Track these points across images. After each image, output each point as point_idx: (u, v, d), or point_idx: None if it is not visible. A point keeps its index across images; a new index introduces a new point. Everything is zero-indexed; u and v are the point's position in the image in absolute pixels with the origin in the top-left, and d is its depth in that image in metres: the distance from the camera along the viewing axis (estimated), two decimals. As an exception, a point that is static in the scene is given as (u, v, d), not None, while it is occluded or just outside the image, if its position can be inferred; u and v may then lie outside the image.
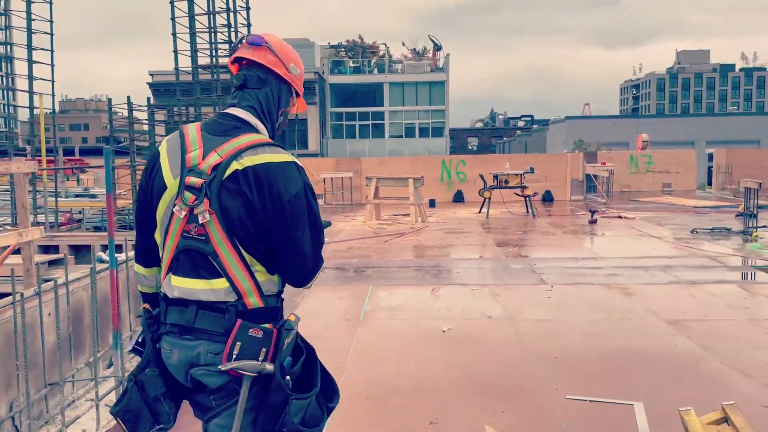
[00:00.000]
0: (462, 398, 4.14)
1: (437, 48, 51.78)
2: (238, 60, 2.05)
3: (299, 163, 1.92)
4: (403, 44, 55.91)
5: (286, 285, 1.99)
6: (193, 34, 13.14)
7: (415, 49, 57.34)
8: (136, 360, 4.44)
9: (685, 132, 47.07)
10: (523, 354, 4.99)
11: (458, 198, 18.89)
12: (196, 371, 1.84)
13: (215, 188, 1.81)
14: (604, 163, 20.19)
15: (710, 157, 26.17)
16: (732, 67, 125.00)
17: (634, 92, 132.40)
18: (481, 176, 15.41)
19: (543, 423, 3.77)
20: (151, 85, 40.00)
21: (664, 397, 4.02)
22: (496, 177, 15.06)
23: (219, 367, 1.79)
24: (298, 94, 2.13)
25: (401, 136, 48.87)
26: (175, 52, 13.23)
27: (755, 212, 11.36)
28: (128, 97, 11.56)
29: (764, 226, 11.22)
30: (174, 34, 13.19)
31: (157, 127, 13.39)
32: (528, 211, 14.78)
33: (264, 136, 1.96)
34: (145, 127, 14.98)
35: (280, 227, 1.84)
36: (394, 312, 6.42)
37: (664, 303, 6.44)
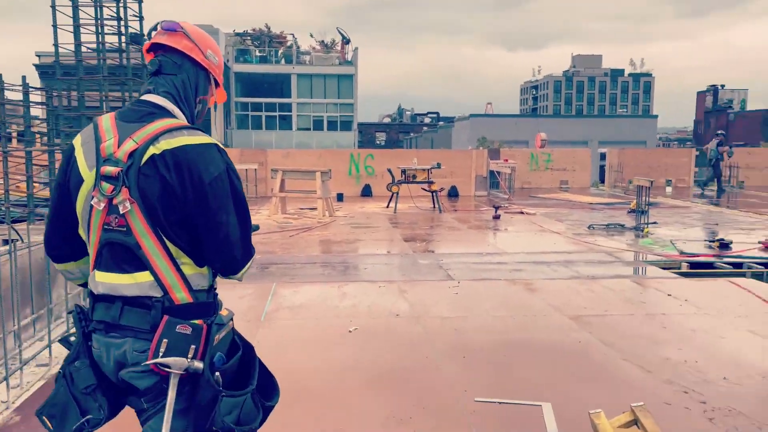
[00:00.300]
0: (368, 403, 3.92)
1: (346, 41, 51.46)
2: (154, 47, 1.99)
3: (220, 145, 1.86)
4: (311, 36, 55.30)
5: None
6: (75, 8, 11.95)
7: (323, 42, 56.70)
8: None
9: (580, 132, 49.54)
10: (431, 353, 4.84)
11: (366, 192, 18.75)
12: (124, 373, 1.79)
13: (133, 175, 1.75)
14: (507, 160, 20.73)
15: (602, 156, 27.63)
16: (622, 72, 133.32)
17: (534, 93, 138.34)
18: (389, 171, 15.33)
19: (452, 429, 3.61)
20: (38, 66, 37.00)
21: (572, 397, 3.99)
22: (404, 172, 15.02)
23: (142, 363, 1.74)
24: (217, 84, 2.08)
25: (309, 129, 48.22)
26: (55, 26, 11.94)
27: (646, 209, 11.96)
28: (23, 77, 10.43)
29: (654, 223, 11.84)
30: (53, 7, 11.89)
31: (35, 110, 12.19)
32: (435, 206, 14.86)
33: (182, 120, 1.91)
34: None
35: (203, 212, 1.78)
36: (298, 311, 6.10)
37: (566, 298, 6.54)
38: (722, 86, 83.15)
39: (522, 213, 14.20)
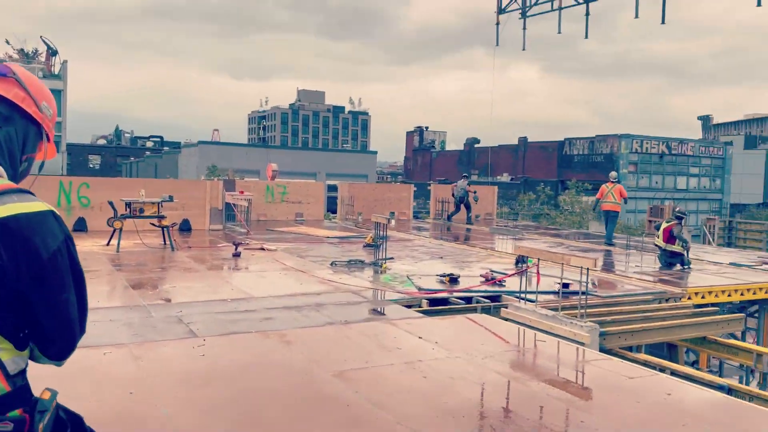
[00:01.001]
0: None
1: (52, 53, 45.55)
2: None
3: (56, 211, 1.66)
4: (7, 42, 47.51)
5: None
6: None
7: (23, 50, 49.33)
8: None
9: (309, 164, 51.23)
10: (182, 447, 3.93)
11: (80, 227, 16.24)
12: None
13: None
14: (243, 192, 20.05)
15: (331, 188, 28.72)
16: (343, 109, 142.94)
17: (262, 123, 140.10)
18: (111, 203, 13.44)
19: None
20: None
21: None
22: (129, 205, 13.30)
23: None
24: (48, 138, 1.91)
25: (3, 149, 41.06)
26: None
27: (380, 243, 12.34)
28: None
29: (391, 258, 12.30)
30: None
31: None
32: (166, 243, 13.42)
33: (7, 181, 1.66)
34: None
35: (41, 291, 1.58)
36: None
37: (326, 350, 6.13)
38: (426, 127, 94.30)
39: (263, 249, 13.63)
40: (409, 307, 8.77)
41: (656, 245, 13.58)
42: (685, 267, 12.81)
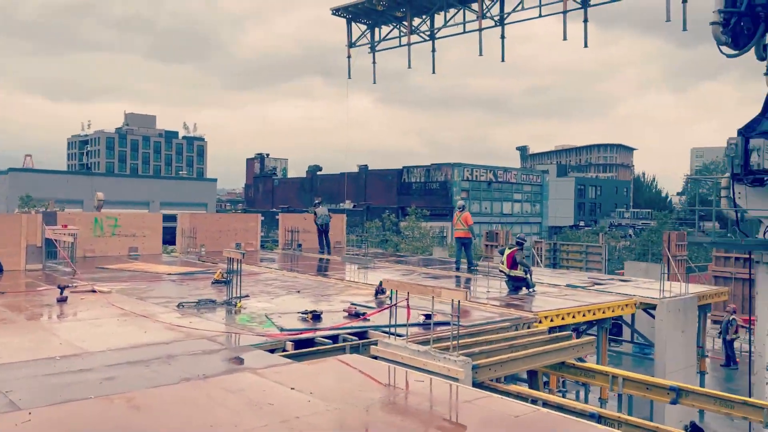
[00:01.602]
0: None
1: None
2: None
3: None
4: None
5: None
6: None
7: None
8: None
9: (141, 192, 47.74)
10: None
11: None
12: None
13: None
14: (66, 227, 17.82)
15: (168, 218, 26.76)
16: (176, 134, 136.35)
17: (85, 148, 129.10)
18: None
19: None
20: None
21: None
22: None
23: None
24: None
25: None
26: None
27: (230, 279, 11.43)
28: None
29: (246, 296, 11.45)
30: None
31: None
32: (-30, 290, 11.33)
33: None
34: None
35: None
36: None
37: (186, 416, 5.29)
38: (267, 154, 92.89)
39: (94, 291, 12.03)
40: (272, 351, 8.08)
41: (501, 271, 14.13)
42: (531, 290, 13.45)
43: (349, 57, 21.01)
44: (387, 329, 8.74)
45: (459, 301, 7.46)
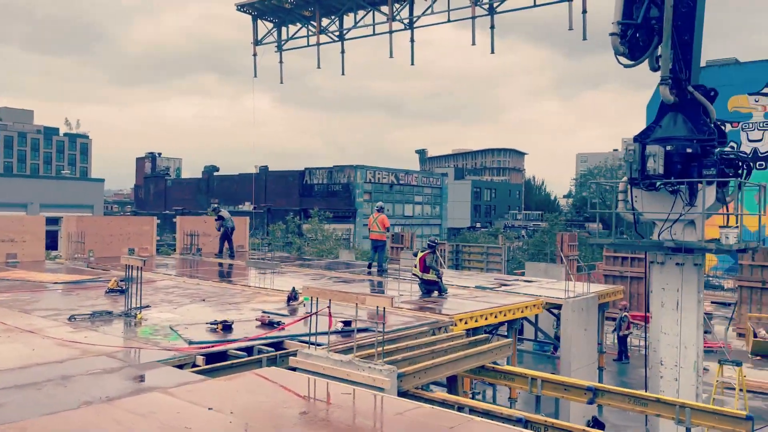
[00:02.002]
0: None
1: None
2: None
3: None
4: None
5: None
6: None
7: None
8: None
9: (17, 193, 43.84)
10: None
11: None
12: None
13: None
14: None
15: (51, 221, 24.68)
16: (56, 131, 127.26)
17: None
18: None
19: None
20: None
21: None
22: None
23: None
24: None
25: None
26: None
27: (127, 287, 10.55)
28: None
29: (147, 306, 10.61)
30: None
31: None
32: None
33: None
34: None
35: None
36: None
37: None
38: (159, 154, 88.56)
39: (-33, 305, 10.69)
40: (181, 367, 7.47)
41: (414, 274, 14.10)
42: (443, 293, 13.51)
43: (255, 55, 20.27)
44: (306, 338, 8.34)
45: (384, 308, 7.22)
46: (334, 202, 57.57)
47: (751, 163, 12.97)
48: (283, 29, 20.24)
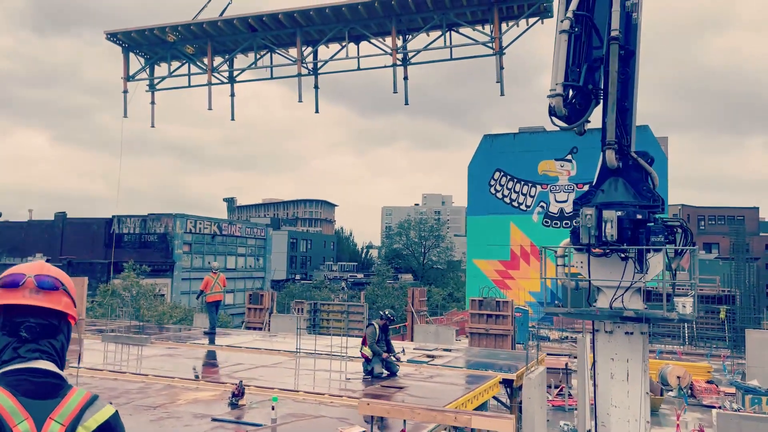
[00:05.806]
0: None
1: None
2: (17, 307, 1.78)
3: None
4: None
5: None
6: None
7: None
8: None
9: None
10: None
11: None
12: None
13: None
14: None
15: None
16: None
17: None
18: None
19: None
20: None
21: None
22: None
23: None
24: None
25: None
26: None
27: None
28: None
29: None
30: None
31: None
32: None
33: (83, 390, 1.86)
34: None
35: None
36: None
37: None
38: None
39: None
40: None
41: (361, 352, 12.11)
42: (372, 378, 11.67)
43: (125, 92, 16.93)
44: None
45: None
46: (148, 254, 51.68)
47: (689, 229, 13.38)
48: (164, 65, 17.29)
